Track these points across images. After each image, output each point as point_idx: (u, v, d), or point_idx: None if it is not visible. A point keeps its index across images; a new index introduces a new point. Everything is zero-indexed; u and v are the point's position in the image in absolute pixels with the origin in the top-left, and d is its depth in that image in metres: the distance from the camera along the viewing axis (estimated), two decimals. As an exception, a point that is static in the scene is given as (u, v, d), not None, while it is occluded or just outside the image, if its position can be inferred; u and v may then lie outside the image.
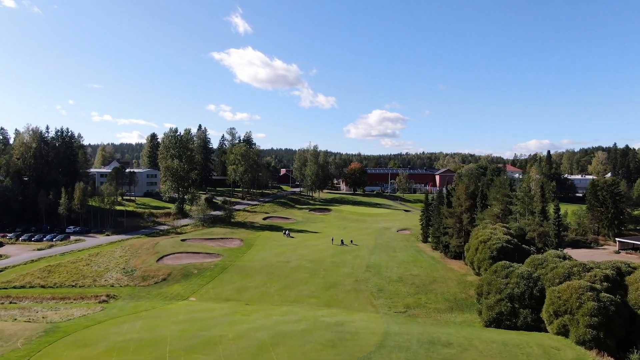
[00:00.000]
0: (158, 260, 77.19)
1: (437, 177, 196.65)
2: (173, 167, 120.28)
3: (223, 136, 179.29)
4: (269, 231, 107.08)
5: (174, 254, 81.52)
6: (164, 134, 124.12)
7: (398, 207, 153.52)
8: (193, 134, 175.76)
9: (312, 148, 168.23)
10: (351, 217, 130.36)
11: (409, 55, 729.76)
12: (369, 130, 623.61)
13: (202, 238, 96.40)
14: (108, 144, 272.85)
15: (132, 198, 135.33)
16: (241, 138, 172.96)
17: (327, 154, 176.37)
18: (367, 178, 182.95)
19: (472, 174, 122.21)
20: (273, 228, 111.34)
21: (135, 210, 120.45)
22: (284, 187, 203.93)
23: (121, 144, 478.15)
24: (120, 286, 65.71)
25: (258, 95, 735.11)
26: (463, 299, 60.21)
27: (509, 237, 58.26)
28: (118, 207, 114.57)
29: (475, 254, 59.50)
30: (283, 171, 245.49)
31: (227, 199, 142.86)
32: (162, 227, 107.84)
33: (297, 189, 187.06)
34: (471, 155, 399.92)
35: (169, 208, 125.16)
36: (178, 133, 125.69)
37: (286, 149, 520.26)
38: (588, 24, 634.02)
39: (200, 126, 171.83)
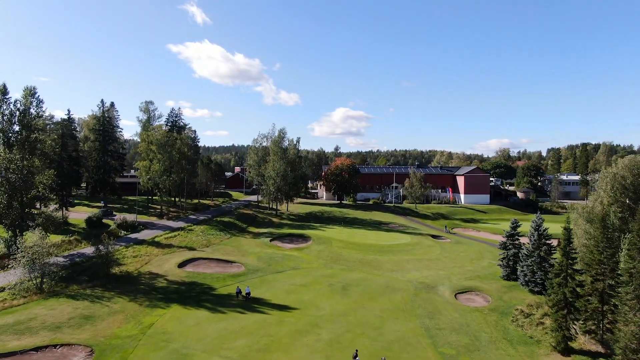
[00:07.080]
0: None
1: (461, 180, 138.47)
2: (-7, 162, 58.38)
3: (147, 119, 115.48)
4: (179, 306, 47.06)
5: None
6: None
7: (418, 230, 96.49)
8: (87, 116, 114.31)
9: (276, 134, 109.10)
10: (349, 257, 70.38)
11: (372, 50, 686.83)
12: (333, 129, 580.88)
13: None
14: None
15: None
16: (164, 118, 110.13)
17: (298, 149, 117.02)
18: (359, 181, 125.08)
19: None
20: (192, 293, 51.09)
21: None
22: (235, 193, 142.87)
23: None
24: None
25: (219, 91, 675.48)
26: None
27: None
28: None
29: None
30: (237, 169, 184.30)
31: (129, 218, 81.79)
32: None
33: (254, 197, 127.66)
34: (446, 152, 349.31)
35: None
36: (9, 96, 63.07)
37: (249, 145, 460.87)
38: (553, 23, 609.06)
39: (102, 101, 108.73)
